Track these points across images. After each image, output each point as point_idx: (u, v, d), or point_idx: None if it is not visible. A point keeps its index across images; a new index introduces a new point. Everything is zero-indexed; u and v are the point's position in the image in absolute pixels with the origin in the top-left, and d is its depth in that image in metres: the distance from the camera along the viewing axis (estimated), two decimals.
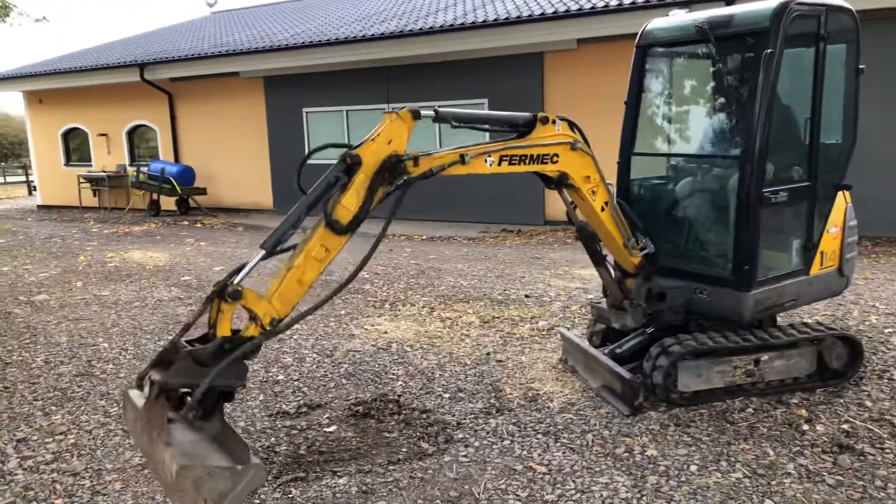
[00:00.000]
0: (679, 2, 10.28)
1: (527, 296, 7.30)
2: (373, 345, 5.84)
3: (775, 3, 4.09)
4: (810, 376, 4.59)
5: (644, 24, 4.92)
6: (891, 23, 9.58)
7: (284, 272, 3.20)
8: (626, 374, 4.31)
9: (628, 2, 11.09)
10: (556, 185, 4.06)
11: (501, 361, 5.33)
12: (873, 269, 8.03)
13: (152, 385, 2.99)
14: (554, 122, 3.88)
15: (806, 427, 4.02)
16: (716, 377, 4.35)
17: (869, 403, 4.31)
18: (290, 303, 3.22)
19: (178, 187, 15.84)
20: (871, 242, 9.69)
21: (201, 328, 3.19)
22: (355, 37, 13.63)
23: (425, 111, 3.47)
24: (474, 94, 13.18)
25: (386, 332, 6.18)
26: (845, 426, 4.02)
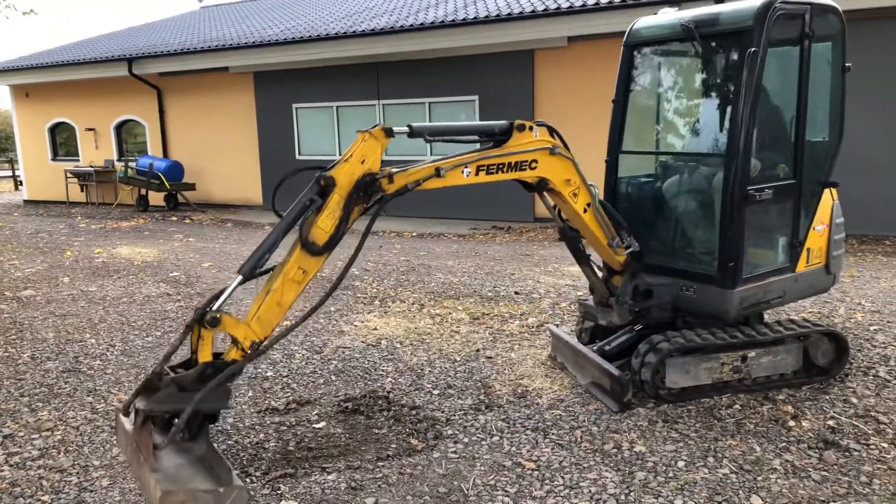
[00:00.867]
0: (668, 0, 10.32)
1: (516, 293, 7.32)
2: (362, 341, 5.84)
3: (760, 1, 4.11)
4: (796, 373, 4.63)
5: (632, 22, 4.94)
6: (876, 22, 9.65)
7: (263, 295, 3.24)
8: (615, 371, 4.34)
9: (618, 0, 11.11)
10: (536, 189, 4.06)
11: (491, 358, 5.35)
12: (859, 267, 8.10)
13: (137, 413, 3.07)
14: (531, 128, 3.87)
15: (792, 423, 4.06)
16: (703, 374, 4.39)
17: (854, 400, 4.36)
18: (270, 325, 3.27)
19: (166, 183, 15.75)
20: (858, 241, 9.78)
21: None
22: (346, 32, 13.59)
23: (398, 128, 3.47)
24: (464, 91, 13.18)
25: (375, 329, 6.18)
26: (831, 422, 4.06)
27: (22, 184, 20.78)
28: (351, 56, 13.88)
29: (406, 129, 3.51)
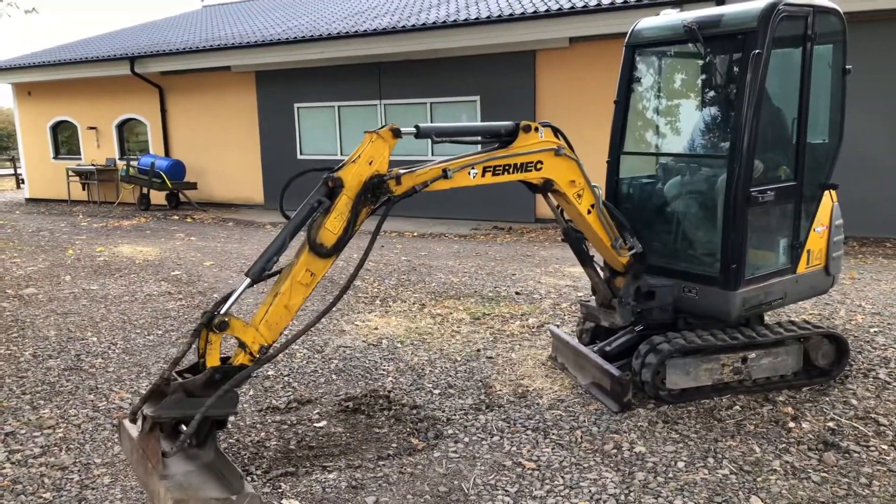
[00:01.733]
0: (670, 1, 10.33)
1: (517, 293, 7.32)
2: (363, 341, 5.85)
3: (763, 3, 4.12)
4: (797, 374, 4.63)
5: (634, 23, 4.94)
6: (879, 24, 9.66)
7: (271, 298, 3.22)
8: (616, 372, 4.34)
9: (620, 1, 11.12)
10: (541, 190, 4.06)
11: (491, 358, 5.35)
12: (860, 269, 8.11)
13: (145, 419, 3.03)
14: (537, 129, 3.87)
15: (792, 424, 4.07)
16: (704, 375, 4.39)
17: (854, 402, 4.37)
18: (278, 329, 3.24)
19: (168, 182, 15.76)
20: (858, 242, 9.78)
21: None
22: (348, 32, 13.59)
23: (406, 129, 3.45)
24: (466, 92, 13.18)
25: (376, 329, 6.19)
26: (831, 424, 4.07)
27: (24, 182, 20.80)
28: (353, 56, 13.89)
29: (413, 129, 3.49)
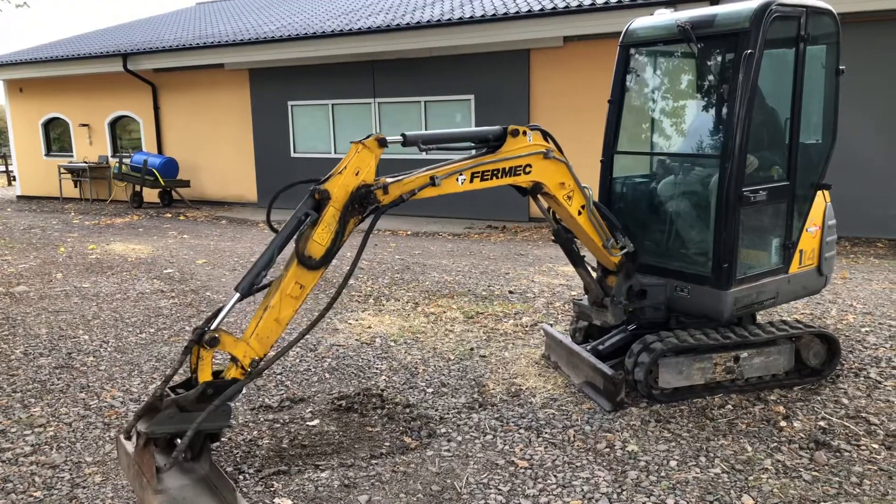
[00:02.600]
0: (664, 1, 10.35)
1: (511, 292, 7.33)
2: (357, 339, 5.84)
3: (756, 4, 4.13)
4: (788, 373, 4.65)
5: (628, 22, 4.95)
6: (872, 25, 9.70)
7: (261, 312, 3.23)
8: (609, 371, 4.35)
9: (614, 0, 11.13)
10: (530, 193, 4.05)
11: (485, 357, 5.36)
12: (851, 269, 8.15)
13: (139, 436, 3.05)
14: (525, 133, 3.86)
15: (783, 424, 4.08)
16: (696, 374, 4.40)
17: (845, 401, 4.39)
18: (269, 342, 3.26)
19: (160, 179, 15.70)
20: (850, 242, 9.83)
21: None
22: (342, 30, 13.57)
23: (392, 137, 3.44)
24: (460, 91, 13.18)
25: (370, 327, 6.18)
26: (822, 423, 4.09)
27: (15, 179, 20.69)
28: (347, 54, 13.86)
29: (399, 138, 3.48)
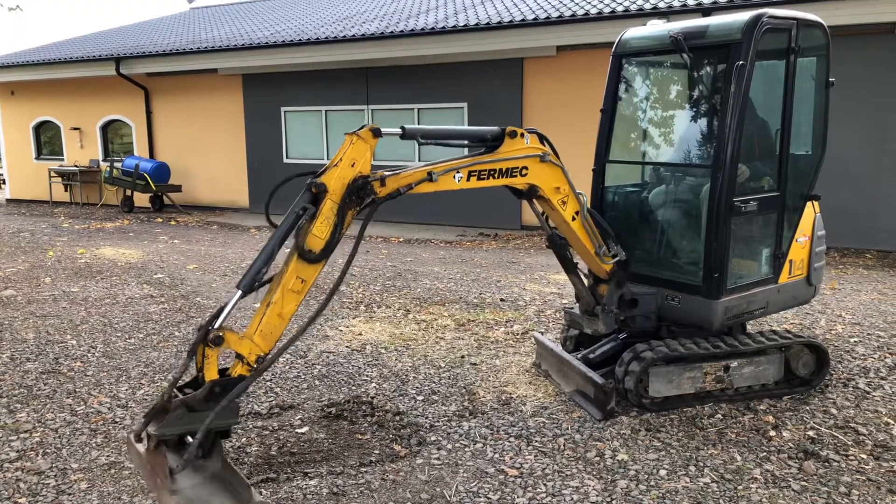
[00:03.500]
0: (657, 12, 10.43)
1: (502, 300, 7.33)
2: (347, 346, 5.82)
3: (748, 15, 4.17)
4: (778, 383, 4.67)
5: (621, 32, 4.98)
6: (862, 38, 9.79)
7: (263, 308, 3.22)
8: (599, 379, 4.35)
9: (607, 11, 11.21)
10: (525, 196, 4.06)
11: (475, 364, 5.35)
12: (840, 280, 8.19)
13: (150, 438, 3.06)
14: (522, 135, 3.88)
15: (773, 433, 4.09)
16: (686, 383, 4.41)
17: (834, 411, 4.40)
18: (273, 338, 3.24)
19: (152, 184, 15.63)
20: (839, 253, 9.89)
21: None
22: (336, 37, 13.58)
23: (391, 129, 3.44)
24: (454, 98, 13.21)
25: (361, 334, 6.16)
26: (811, 433, 4.10)
27: (5, 182, 20.55)
28: (341, 60, 13.88)
29: (399, 130, 3.49)
